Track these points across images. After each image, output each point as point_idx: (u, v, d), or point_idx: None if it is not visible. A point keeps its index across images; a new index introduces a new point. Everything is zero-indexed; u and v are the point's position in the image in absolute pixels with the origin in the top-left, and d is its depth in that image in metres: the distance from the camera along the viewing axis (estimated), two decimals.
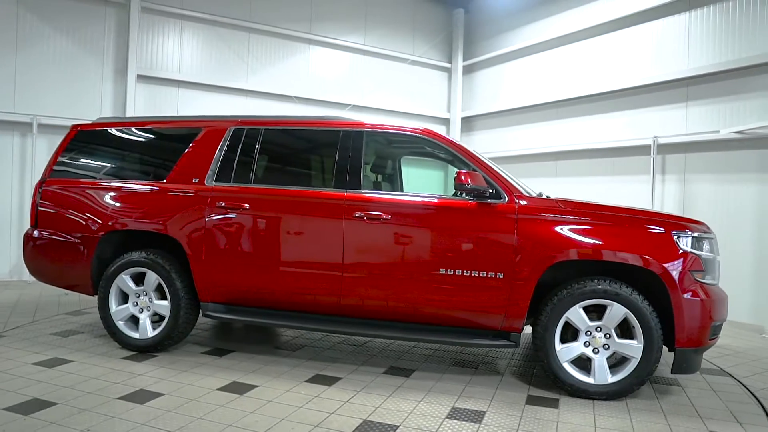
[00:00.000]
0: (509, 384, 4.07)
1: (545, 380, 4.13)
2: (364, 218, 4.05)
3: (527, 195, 4.00)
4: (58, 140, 7.87)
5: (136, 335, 4.48)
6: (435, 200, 4.09)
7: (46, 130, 7.87)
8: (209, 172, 4.44)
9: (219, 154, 4.47)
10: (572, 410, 3.57)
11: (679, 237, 3.74)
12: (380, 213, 4.03)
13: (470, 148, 4.22)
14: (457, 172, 3.89)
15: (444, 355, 4.80)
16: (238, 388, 3.74)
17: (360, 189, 4.16)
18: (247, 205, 4.26)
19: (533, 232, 3.83)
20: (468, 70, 11.42)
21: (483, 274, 3.87)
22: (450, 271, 3.92)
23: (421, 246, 3.99)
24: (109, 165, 4.88)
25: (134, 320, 4.56)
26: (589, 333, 3.82)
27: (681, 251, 3.70)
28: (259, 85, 9.44)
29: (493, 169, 4.09)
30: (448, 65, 11.57)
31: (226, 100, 9.16)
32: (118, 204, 4.57)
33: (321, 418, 3.27)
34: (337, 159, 4.25)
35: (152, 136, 4.88)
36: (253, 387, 3.78)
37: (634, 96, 7.98)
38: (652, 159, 7.51)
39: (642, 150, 7.77)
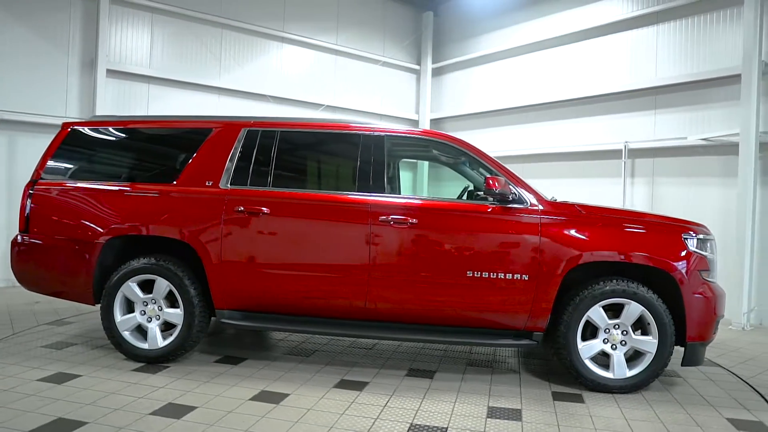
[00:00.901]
0: (529, 381, 4.22)
1: (560, 376, 4.31)
2: (390, 222, 4.06)
3: (546, 199, 4.16)
4: (19, 137, 7.42)
5: (144, 346, 4.27)
6: (461, 204, 4.18)
7: (6, 127, 7.30)
8: (224, 174, 4.30)
9: (233, 156, 4.34)
10: (598, 404, 3.75)
11: (687, 239, 4.01)
12: (406, 217, 4.06)
13: (491, 154, 4.33)
14: (486, 178, 3.99)
15: (455, 356, 4.89)
16: (270, 397, 3.66)
17: (384, 193, 4.17)
18: (267, 209, 4.16)
19: (556, 235, 3.98)
20: (437, 72, 11.60)
21: (509, 276, 3.99)
22: (477, 274, 4.00)
23: (448, 249, 4.05)
24: (108, 166, 4.62)
25: (139, 330, 4.35)
26: (607, 330, 4.01)
27: (690, 252, 3.97)
28: (232, 83, 9.17)
29: (514, 174, 4.21)
30: (417, 67, 11.70)
31: (199, 98, 8.84)
32: (123, 207, 4.33)
33: (368, 425, 3.26)
34: (360, 163, 4.24)
35: (155, 137, 4.66)
36: (285, 395, 3.71)
37: (604, 102, 8.41)
38: (623, 163, 7.95)
39: (612, 154, 8.20)
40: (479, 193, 4.75)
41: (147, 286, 4.31)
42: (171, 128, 4.62)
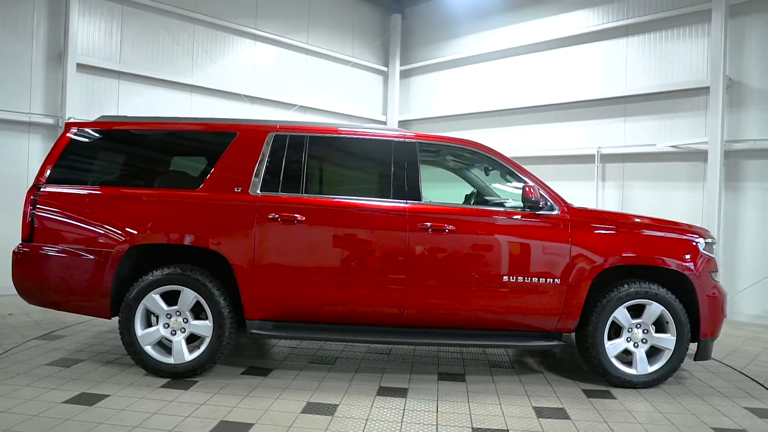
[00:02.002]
0: (557, 381, 4.39)
1: (581, 374, 4.53)
2: (428, 229, 4.10)
3: (572, 206, 4.35)
4: None
5: (169, 360, 4.06)
6: (496, 211, 4.27)
7: None
8: (253, 180, 4.16)
9: (262, 161, 4.21)
10: (629, 400, 3.98)
11: (698, 243, 4.33)
12: (444, 224, 4.11)
13: (519, 163, 4.46)
14: (523, 186, 4.13)
15: (474, 358, 5.00)
16: (321, 409, 3.60)
17: (420, 200, 4.20)
18: (302, 216, 4.07)
19: (586, 240, 4.17)
20: (404, 74, 11.70)
21: (542, 281, 4.14)
22: (513, 279, 4.13)
23: (484, 255, 4.14)
24: (121, 170, 4.36)
25: (160, 344, 4.13)
26: (629, 329, 4.26)
27: (702, 255, 4.29)
28: (205, 80, 8.82)
29: (543, 182, 4.37)
30: (384, 69, 11.74)
31: (171, 95, 8.44)
32: (145, 214, 4.08)
33: None
34: (394, 170, 4.25)
35: (172, 140, 4.43)
36: (334, 406, 3.66)
37: (577, 109, 8.82)
38: (596, 167, 8.40)
39: (584, 158, 8.64)
40: (488, 198, 4.92)
41: (169, 298, 4.10)
42: (189, 131, 4.41)
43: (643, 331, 4.27)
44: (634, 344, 4.26)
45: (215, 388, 3.92)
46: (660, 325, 4.29)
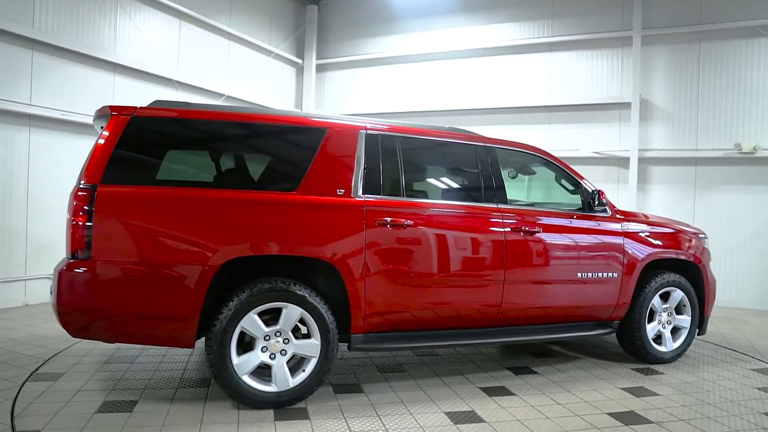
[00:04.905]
0: (606, 364, 4.89)
1: (611, 355, 5.12)
2: (521, 231, 4.25)
3: (616, 208, 4.89)
4: None
5: (272, 388, 3.55)
6: (576, 214, 4.59)
7: None
8: (353, 182, 3.84)
9: (359, 162, 3.90)
10: (671, 373, 4.66)
11: (701, 238, 5.21)
12: (534, 225, 4.31)
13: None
14: (597, 191, 4.55)
15: (515, 350, 5.28)
16: (465, 417, 3.55)
17: (507, 202, 4.33)
18: (409, 220, 3.89)
19: (634, 238, 4.75)
20: (320, 68, 11.40)
21: (604, 275, 4.60)
22: (585, 275, 4.51)
23: (565, 255, 4.45)
24: (195, 168, 3.67)
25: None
26: (659, 314, 4.96)
27: (704, 249, 5.19)
28: (129, 59, 7.56)
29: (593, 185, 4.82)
30: (299, 61, 11.30)
31: (92, 74, 7.09)
32: (246, 220, 3.49)
33: (582, 423, 3.50)
34: (481, 173, 4.30)
35: (252, 134, 3.85)
36: (472, 412, 3.64)
37: (505, 114, 9.62)
38: None
39: None
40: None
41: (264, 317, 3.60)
42: (273, 123, 3.87)
43: (668, 314, 5.00)
44: (662, 326, 4.97)
45: (334, 412, 3.57)
46: (677, 308, 5.06)
